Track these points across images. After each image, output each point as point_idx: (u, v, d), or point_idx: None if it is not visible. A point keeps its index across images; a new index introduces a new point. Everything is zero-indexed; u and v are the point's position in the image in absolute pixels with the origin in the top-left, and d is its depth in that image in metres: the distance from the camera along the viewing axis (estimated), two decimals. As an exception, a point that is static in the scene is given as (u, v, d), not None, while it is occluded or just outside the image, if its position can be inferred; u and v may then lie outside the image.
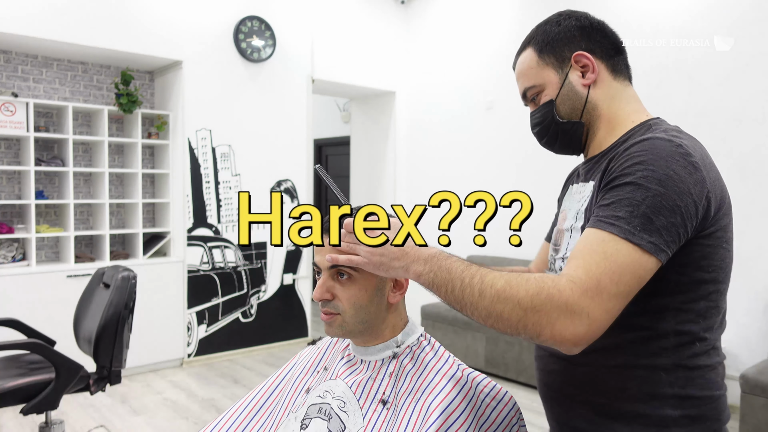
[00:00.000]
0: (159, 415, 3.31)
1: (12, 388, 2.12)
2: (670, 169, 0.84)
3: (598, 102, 1.03)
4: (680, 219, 0.83)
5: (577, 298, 0.79)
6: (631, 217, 0.83)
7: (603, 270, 0.80)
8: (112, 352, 2.32)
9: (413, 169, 5.39)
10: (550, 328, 0.79)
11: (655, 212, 0.82)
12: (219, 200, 4.39)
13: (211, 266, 4.36)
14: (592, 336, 0.80)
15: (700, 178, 0.85)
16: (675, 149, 0.86)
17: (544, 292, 0.80)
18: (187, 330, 4.26)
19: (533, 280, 0.82)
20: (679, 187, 0.83)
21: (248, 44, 4.42)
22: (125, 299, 2.34)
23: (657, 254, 0.82)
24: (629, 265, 0.81)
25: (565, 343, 0.80)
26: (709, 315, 0.92)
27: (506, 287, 0.82)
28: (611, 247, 0.82)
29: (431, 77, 5.19)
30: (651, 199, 0.83)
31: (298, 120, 4.76)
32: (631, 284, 0.81)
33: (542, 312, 0.79)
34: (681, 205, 0.83)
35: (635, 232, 0.82)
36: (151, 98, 4.49)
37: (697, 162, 0.86)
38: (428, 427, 0.93)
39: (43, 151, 4.01)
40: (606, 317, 0.80)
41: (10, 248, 3.79)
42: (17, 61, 3.92)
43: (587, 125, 1.05)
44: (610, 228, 0.83)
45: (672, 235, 0.83)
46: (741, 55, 3.31)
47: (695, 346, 0.91)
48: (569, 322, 0.78)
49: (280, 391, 1.20)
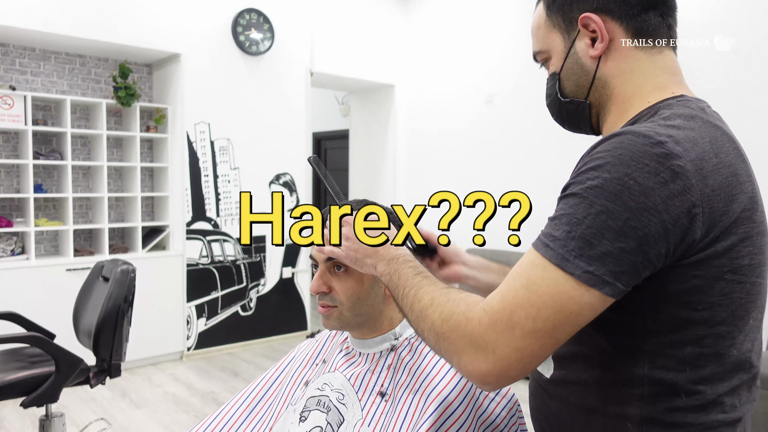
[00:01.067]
0: (159, 408, 3.32)
1: (12, 381, 2.12)
2: (630, 177, 0.66)
3: (609, 78, 0.82)
4: (634, 244, 0.65)
5: (483, 330, 0.69)
6: (568, 239, 0.67)
7: (519, 301, 0.68)
8: (112, 346, 2.32)
9: (412, 162, 5.38)
10: (456, 358, 0.71)
11: (597, 235, 0.66)
12: (218, 194, 4.39)
13: (210, 260, 4.37)
14: (501, 375, 0.68)
15: (679, 188, 0.66)
16: (647, 149, 0.67)
17: (453, 319, 0.72)
18: (187, 323, 4.26)
19: (450, 303, 0.74)
20: (637, 201, 0.65)
21: (246, 37, 4.40)
22: (124, 292, 2.34)
23: (599, 287, 0.66)
24: (553, 297, 0.67)
25: (471, 378, 0.71)
26: (702, 364, 0.73)
27: (428, 306, 0.76)
28: (538, 273, 0.68)
29: (431, 70, 5.17)
30: (593, 217, 0.66)
31: (296, 113, 4.75)
32: (555, 321, 0.67)
33: (449, 340, 0.72)
34: (636, 226, 0.65)
35: (569, 258, 0.66)
36: (150, 91, 4.48)
37: (678, 166, 0.66)
38: (426, 418, 0.93)
39: (42, 145, 4.00)
40: (516, 356, 0.67)
41: (9, 242, 3.79)
42: (15, 54, 3.91)
43: (596, 106, 0.85)
44: (543, 250, 0.69)
45: (622, 263, 0.66)
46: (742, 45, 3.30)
47: (678, 400, 0.73)
48: (473, 356, 0.69)
49: (279, 384, 1.20)
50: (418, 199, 5.29)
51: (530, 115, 4.35)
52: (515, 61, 4.47)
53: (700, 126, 0.72)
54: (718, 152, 0.71)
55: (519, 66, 4.43)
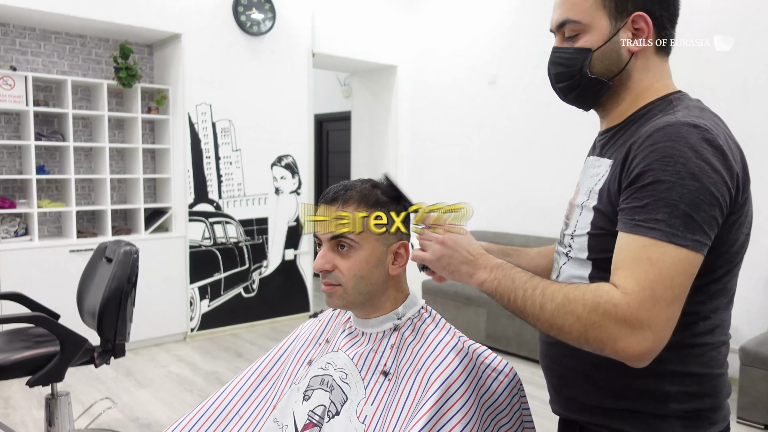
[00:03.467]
0: (163, 387, 3.36)
1: (18, 361, 2.14)
2: (702, 159, 0.80)
3: (633, 73, 0.96)
4: (718, 210, 0.81)
5: (635, 311, 0.78)
6: (671, 218, 0.80)
7: (654, 277, 0.78)
8: (116, 326, 2.34)
9: (415, 143, 5.36)
10: (612, 344, 0.79)
11: (695, 209, 0.80)
12: (220, 176, 4.39)
13: (213, 242, 4.37)
14: (659, 348, 0.79)
15: (730, 163, 0.82)
16: (702, 135, 0.82)
17: (600, 308, 0.79)
18: (190, 305, 4.29)
19: (590, 293, 0.81)
20: (713, 177, 0.80)
21: (248, 17, 4.36)
22: (128, 273, 2.35)
23: (702, 250, 0.81)
24: (678, 266, 0.79)
25: (631, 359, 0.79)
26: (717, 296, 0.90)
27: (565, 302, 0.83)
28: (656, 252, 0.79)
29: (433, 51, 5.13)
30: (689, 195, 0.80)
31: (298, 94, 4.72)
32: (684, 285, 0.80)
33: (602, 328, 0.79)
34: (718, 196, 0.81)
35: (678, 233, 0.79)
36: (151, 72, 4.45)
37: (723, 146, 0.82)
38: (429, 397, 0.94)
39: (43, 126, 3.99)
40: (669, 325, 0.79)
41: (12, 223, 3.80)
42: (15, 34, 3.88)
43: (613, 89, 0.97)
44: (651, 233, 0.80)
45: (713, 227, 0.82)
46: (749, 23, 3.26)
47: (699, 326, 0.89)
48: (632, 338, 0.78)
49: (282, 363, 1.21)
50: (419, 181, 5.27)
51: (533, 96, 4.31)
52: (518, 42, 4.42)
53: (711, 116, 0.89)
54: (730, 135, 0.88)
55: (522, 47, 4.38)
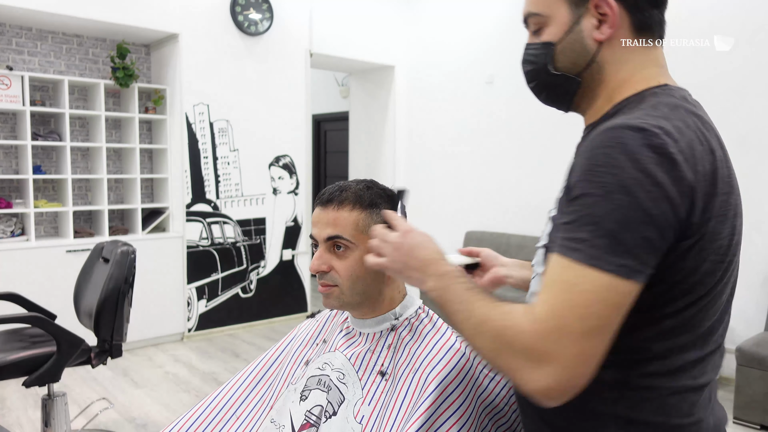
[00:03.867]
0: (160, 388, 3.35)
1: (14, 361, 2.13)
2: (639, 169, 0.67)
3: (606, 65, 0.82)
4: (655, 231, 0.68)
5: (539, 342, 0.68)
6: (594, 238, 0.68)
7: (566, 305, 0.68)
8: (113, 326, 2.34)
9: (412, 144, 5.36)
10: (514, 375, 0.70)
11: (623, 228, 0.67)
12: (217, 176, 4.38)
13: (211, 242, 4.37)
14: (567, 386, 0.68)
15: (680, 175, 0.68)
16: (646, 141, 0.68)
17: (506, 335, 0.71)
18: (188, 305, 4.28)
19: (501, 317, 0.73)
20: (651, 192, 0.67)
21: (245, 17, 4.35)
22: (125, 274, 2.35)
23: (632, 276, 0.68)
24: (597, 294, 0.67)
25: (534, 395, 0.69)
26: (677, 333, 0.75)
27: (481, 321, 0.75)
28: (574, 275, 0.68)
29: (431, 51, 5.13)
30: (616, 212, 0.67)
31: (296, 95, 4.72)
32: (604, 316, 0.68)
33: (506, 357, 0.71)
34: (656, 213, 0.68)
35: (600, 256, 0.67)
36: (148, 72, 4.44)
37: (674, 154, 0.69)
38: (426, 397, 0.94)
39: (40, 126, 3.98)
40: (580, 361, 0.67)
41: (9, 223, 3.79)
42: (11, 34, 3.87)
43: (585, 86, 0.84)
44: (573, 254, 0.69)
45: (647, 250, 0.68)
46: (748, 21, 3.27)
47: (651, 365, 0.76)
48: (534, 372, 0.68)
49: (280, 363, 1.21)
50: (417, 181, 5.28)
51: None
52: (515, 41, 4.42)
53: (684, 116, 0.75)
54: (702, 140, 0.73)
55: (519, 47, 4.34)
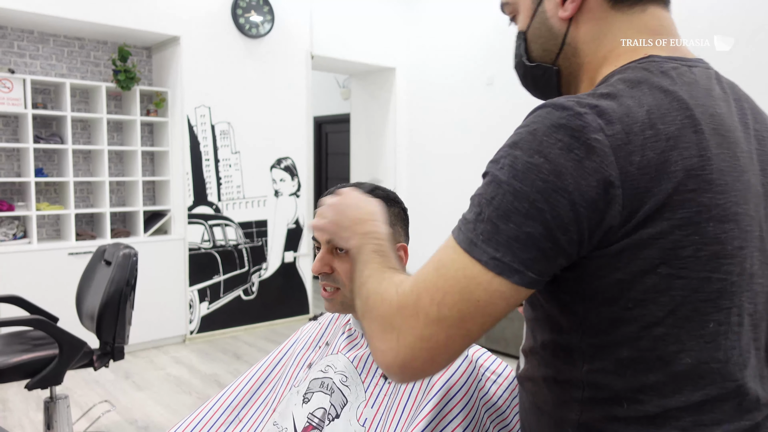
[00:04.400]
0: (162, 390, 3.35)
1: (16, 364, 2.14)
2: (541, 154, 0.59)
3: (580, 44, 0.72)
4: (542, 228, 0.58)
5: (392, 313, 0.64)
6: (477, 222, 0.61)
7: (427, 285, 0.62)
8: (115, 329, 2.34)
9: (413, 145, 5.36)
10: (371, 340, 0.67)
11: (504, 217, 0.59)
12: (219, 178, 4.39)
13: (212, 244, 4.37)
14: (405, 364, 0.62)
15: (595, 166, 0.58)
16: (563, 122, 0.59)
17: (373, 299, 0.67)
18: (189, 307, 4.28)
19: (377, 283, 0.69)
20: (546, 181, 0.58)
21: (246, 19, 4.36)
22: (127, 276, 2.35)
23: (507, 275, 0.59)
24: (460, 283, 0.60)
25: (379, 364, 0.65)
26: (644, 370, 0.64)
27: (363, 283, 0.71)
28: (448, 257, 0.62)
29: (431, 53, 5.13)
30: (500, 198, 0.60)
31: (297, 97, 4.73)
32: (463, 309, 0.60)
33: (367, 320, 0.68)
34: (544, 208, 0.58)
35: (477, 242, 0.60)
36: (149, 75, 4.45)
37: (596, 140, 0.58)
38: (429, 399, 0.94)
39: (42, 128, 3.99)
40: (420, 345, 0.61)
41: (11, 226, 3.79)
42: (13, 37, 3.88)
43: (567, 74, 0.75)
44: (456, 233, 0.63)
45: (530, 250, 0.59)
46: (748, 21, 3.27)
47: (620, 407, 0.65)
48: (381, 339, 0.64)
49: (282, 366, 1.21)
50: (418, 182, 5.28)
51: (530, 97, 4.30)
52: (517, 43, 4.43)
53: (644, 93, 0.63)
54: (656, 122, 0.61)
55: (521, 48, 4.38)
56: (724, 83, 0.70)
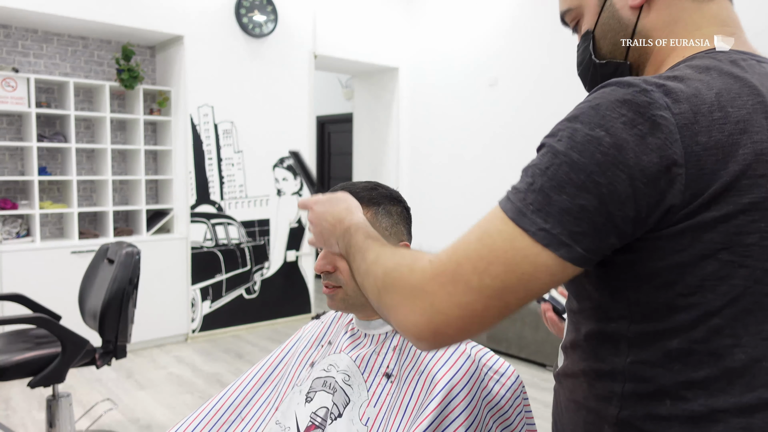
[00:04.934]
0: (164, 389, 3.35)
1: (19, 362, 2.14)
2: (603, 127, 0.57)
3: (651, 31, 0.70)
4: (597, 201, 0.56)
5: (426, 280, 0.61)
6: (528, 192, 0.59)
7: (468, 254, 0.60)
8: (117, 327, 2.34)
9: (416, 145, 5.36)
10: (395, 312, 0.64)
11: (557, 188, 0.57)
12: (222, 177, 4.39)
13: (215, 243, 4.38)
14: (437, 331, 0.61)
15: (659, 143, 0.56)
16: (628, 97, 0.58)
17: (397, 270, 0.65)
18: (192, 306, 4.29)
19: (396, 257, 0.67)
20: (606, 154, 0.56)
21: (250, 19, 4.36)
22: (129, 275, 2.35)
23: (554, 248, 0.57)
24: (507, 253, 0.58)
25: (406, 333, 0.63)
26: (695, 364, 0.60)
27: (373, 262, 0.69)
28: (494, 226, 0.60)
29: (434, 53, 5.13)
30: (556, 168, 0.58)
31: (300, 96, 4.73)
32: (506, 280, 0.58)
33: (391, 292, 0.65)
34: (600, 181, 0.56)
35: (526, 212, 0.58)
36: (153, 74, 4.46)
37: (662, 117, 0.57)
38: (432, 399, 0.94)
39: (45, 127, 4.00)
40: (457, 313, 0.59)
41: (14, 224, 3.80)
42: (17, 36, 3.88)
43: (637, 67, 0.73)
44: (503, 203, 0.61)
45: (581, 223, 0.56)
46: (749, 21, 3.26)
47: (662, 405, 0.62)
48: (410, 307, 0.62)
49: (285, 365, 1.21)
50: (421, 182, 5.27)
51: (534, 97, 4.31)
52: (519, 43, 4.42)
53: (713, 77, 0.61)
54: (725, 105, 0.59)
55: (522, 49, 4.38)
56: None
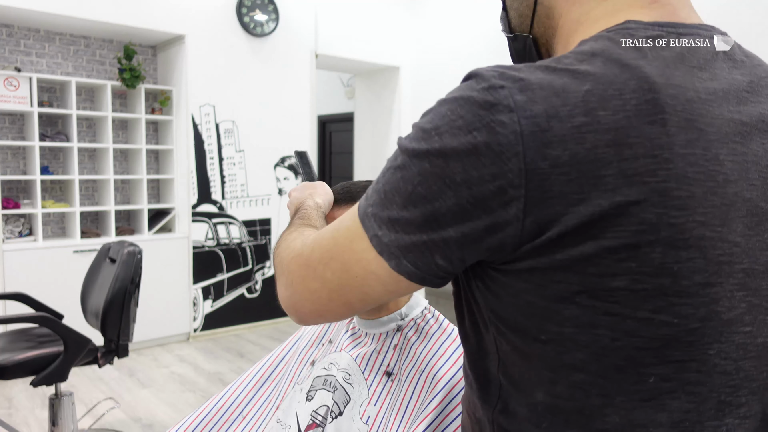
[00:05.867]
0: (166, 388, 3.36)
1: (22, 361, 2.15)
2: (438, 131, 0.49)
3: (554, 3, 0.61)
4: (421, 217, 0.49)
5: (290, 259, 0.63)
6: (373, 192, 0.55)
7: (322, 243, 0.59)
8: (120, 326, 2.35)
9: (418, 145, 5.36)
10: (276, 284, 0.68)
11: (390, 194, 0.52)
12: (223, 176, 4.39)
13: (216, 242, 4.38)
14: (296, 308, 0.62)
15: (493, 155, 0.46)
16: (473, 95, 0.49)
17: (282, 247, 0.69)
18: (193, 305, 4.30)
19: (295, 234, 0.70)
20: (434, 164, 0.48)
21: (251, 18, 4.37)
22: (131, 274, 2.36)
23: (386, 258, 0.52)
24: (345, 253, 0.56)
25: (281, 303, 0.66)
26: (561, 423, 0.52)
27: (281, 239, 0.73)
28: (346, 221, 0.57)
29: (435, 52, 5.13)
30: (392, 172, 0.52)
31: (301, 96, 4.73)
32: (342, 279, 0.56)
33: (276, 265, 0.69)
34: (425, 195, 0.49)
35: (368, 213, 0.54)
36: (154, 73, 4.46)
37: (501, 123, 0.46)
38: (433, 397, 0.94)
39: (47, 127, 4.00)
40: (307, 296, 0.60)
41: (17, 223, 3.81)
42: (19, 35, 3.89)
43: (543, 42, 0.64)
44: (361, 198, 0.58)
45: (407, 237, 0.50)
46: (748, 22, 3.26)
47: None
48: (280, 281, 0.65)
49: (286, 364, 1.21)
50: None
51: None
52: (522, 42, 4.42)
53: (595, 67, 0.48)
54: (595, 108, 0.46)
55: (526, 48, 4.38)
56: (736, 59, 0.55)
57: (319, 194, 0.91)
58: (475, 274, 0.54)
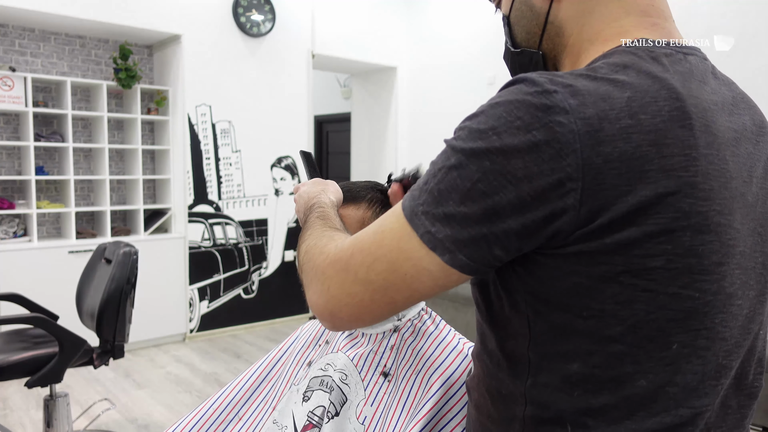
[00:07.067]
0: (162, 388, 3.35)
1: (17, 362, 2.14)
2: (495, 131, 0.53)
3: (564, 23, 0.66)
4: (480, 212, 0.53)
5: (326, 265, 0.64)
6: (422, 191, 0.57)
7: (363, 246, 0.60)
8: (115, 327, 2.34)
9: (414, 145, 5.36)
10: (306, 290, 0.68)
11: (445, 192, 0.55)
12: (219, 177, 4.39)
13: (213, 243, 4.37)
14: (333, 314, 0.63)
15: (552, 153, 0.51)
16: (528, 98, 0.53)
17: (313, 251, 0.68)
18: (189, 306, 4.28)
19: (323, 237, 0.70)
20: (494, 162, 0.52)
21: (247, 18, 4.36)
22: (127, 274, 2.35)
23: (438, 252, 0.55)
24: (392, 252, 0.58)
25: (313, 311, 0.66)
26: (594, 390, 0.57)
27: (306, 238, 0.73)
28: (389, 222, 0.59)
29: (432, 52, 5.13)
30: (446, 172, 0.55)
31: (298, 96, 4.73)
32: (389, 278, 0.58)
33: (305, 271, 0.68)
34: (485, 191, 0.53)
35: (418, 212, 0.57)
36: (150, 73, 4.45)
37: (559, 123, 0.51)
38: (429, 398, 0.94)
39: (43, 127, 3.99)
40: (346, 300, 0.61)
41: (12, 224, 3.79)
42: (14, 35, 3.88)
43: (552, 58, 0.69)
44: (405, 199, 0.60)
45: (464, 231, 0.54)
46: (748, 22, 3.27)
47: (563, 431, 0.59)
48: (314, 287, 0.65)
49: (282, 364, 1.21)
50: (419, 183, 5.27)
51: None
52: (519, 43, 4.43)
53: (630, 77, 0.55)
54: (637, 112, 0.53)
55: (522, 48, 4.39)
56: (720, 78, 0.64)
57: (332, 191, 0.90)
58: (516, 261, 0.58)
